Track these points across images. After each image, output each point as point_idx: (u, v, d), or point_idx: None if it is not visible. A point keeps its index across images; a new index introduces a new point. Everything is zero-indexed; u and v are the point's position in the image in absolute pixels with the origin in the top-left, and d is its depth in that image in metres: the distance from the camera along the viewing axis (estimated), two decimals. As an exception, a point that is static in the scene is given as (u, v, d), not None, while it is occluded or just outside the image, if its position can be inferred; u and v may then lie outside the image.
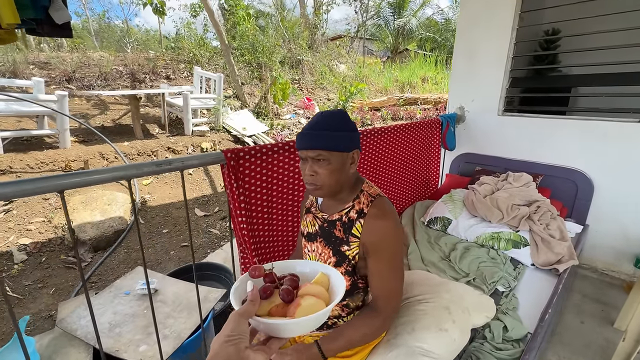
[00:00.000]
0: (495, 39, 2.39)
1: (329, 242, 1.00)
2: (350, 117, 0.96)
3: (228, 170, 1.28)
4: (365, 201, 0.95)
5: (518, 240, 1.78)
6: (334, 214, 0.99)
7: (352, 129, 0.92)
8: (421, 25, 13.96)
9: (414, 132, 2.25)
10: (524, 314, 1.38)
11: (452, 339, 1.00)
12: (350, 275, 0.97)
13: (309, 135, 0.88)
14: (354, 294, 1.00)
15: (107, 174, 1.00)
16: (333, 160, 0.89)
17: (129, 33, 9.75)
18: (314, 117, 0.92)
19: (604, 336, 1.71)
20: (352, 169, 0.94)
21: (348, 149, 0.90)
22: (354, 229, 0.94)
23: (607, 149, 2.08)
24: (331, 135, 0.87)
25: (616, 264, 2.18)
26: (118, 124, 4.39)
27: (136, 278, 1.89)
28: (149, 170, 1.09)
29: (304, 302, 0.49)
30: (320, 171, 0.90)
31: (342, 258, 0.97)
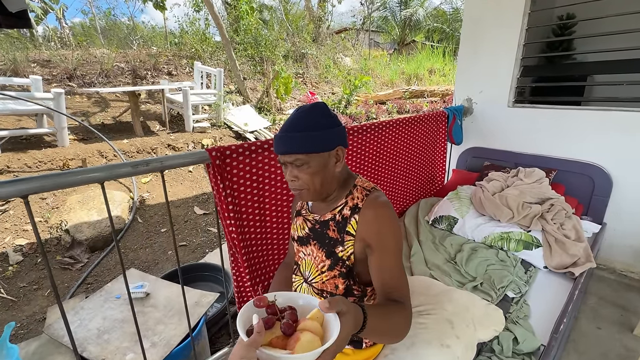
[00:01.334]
0: (505, 25, 2.23)
1: (323, 244, 0.91)
2: (329, 109, 0.86)
3: (213, 170, 1.19)
4: (360, 195, 0.86)
5: (530, 241, 1.66)
6: (326, 214, 0.90)
7: (332, 125, 0.82)
8: (429, 15, 13.62)
9: (418, 126, 2.12)
10: (536, 323, 1.27)
11: (455, 357, 0.90)
12: (345, 277, 0.88)
13: (284, 138, 0.80)
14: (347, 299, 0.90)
15: (79, 176, 0.93)
16: (313, 162, 0.80)
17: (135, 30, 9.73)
18: (290, 116, 0.83)
19: (623, 344, 1.59)
20: (337, 167, 0.85)
21: (329, 147, 0.81)
22: (349, 227, 0.85)
23: (627, 142, 1.93)
24: (308, 136, 0.78)
25: (636, 264, 2.03)
26: (118, 122, 4.35)
27: (129, 281, 1.83)
28: (124, 171, 1.01)
29: (303, 338, 0.53)
30: (301, 175, 0.81)
31: (335, 260, 0.88)
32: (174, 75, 6.06)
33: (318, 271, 0.93)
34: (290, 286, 1.12)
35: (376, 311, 0.68)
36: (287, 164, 0.82)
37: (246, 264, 1.37)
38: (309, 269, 0.97)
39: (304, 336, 0.53)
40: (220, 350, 1.58)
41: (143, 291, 1.71)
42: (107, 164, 3.28)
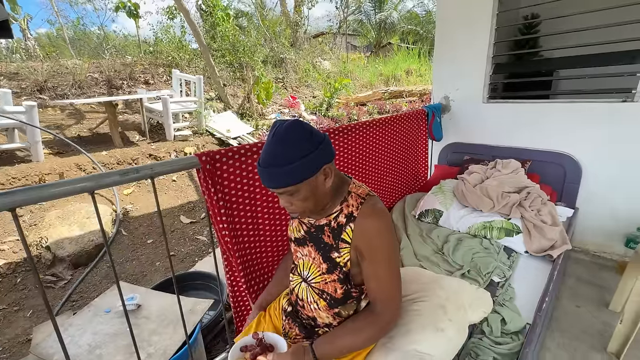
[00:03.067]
0: (476, 25, 2.35)
1: (319, 248, 0.94)
2: (305, 125, 0.82)
3: (204, 174, 1.20)
4: (355, 203, 0.88)
5: (510, 228, 1.75)
6: (321, 219, 0.93)
7: (312, 148, 0.79)
8: (402, 18, 13.97)
9: (399, 125, 2.19)
10: (521, 304, 1.34)
11: (449, 339, 0.95)
12: (343, 283, 0.91)
13: (267, 174, 0.80)
14: (346, 303, 0.94)
15: (65, 187, 0.91)
16: (302, 190, 0.81)
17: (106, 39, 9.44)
18: (267, 146, 0.80)
19: (601, 319, 1.70)
20: (327, 183, 0.85)
21: (314, 171, 0.80)
22: (344, 234, 0.88)
23: (594, 131, 2.07)
24: (288, 170, 0.77)
25: (607, 245, 2.17)
26: (95, 133, 4.23)
27: (117, 294, 1.79)
28: (112, 180, 0.99)
29: None
30: (294, 202, 0.84)
31: (333, 265, 0.91)
32: (151, 84, 5.94)
33: (319, 272, 0.96)
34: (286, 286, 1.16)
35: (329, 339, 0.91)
36: (278, 194, 0.85)
37: (241, 267, 1.38)
38: (308, 269, 0.99)
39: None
40: (217, 357, 1.57)
41: (134, 303, 1.68)
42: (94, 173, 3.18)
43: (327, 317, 0.97)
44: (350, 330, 0.90)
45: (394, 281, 0.89)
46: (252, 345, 0.94)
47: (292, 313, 1.08)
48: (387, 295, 0.89)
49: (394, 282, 0.89)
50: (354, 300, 0.94)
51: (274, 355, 0.89)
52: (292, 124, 0.81)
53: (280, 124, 0.82)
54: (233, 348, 0.94)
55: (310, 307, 1.00)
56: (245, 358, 0.92)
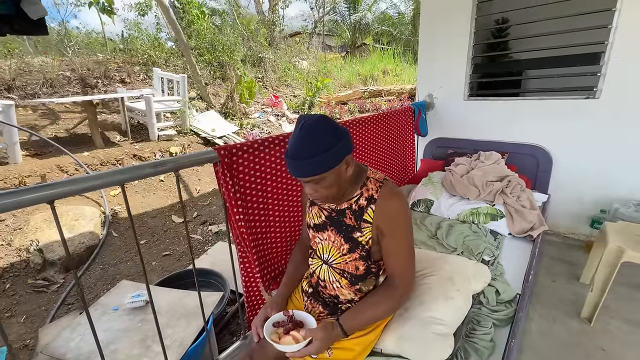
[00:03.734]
0: (457, 28, 2.54)
1: (340, 230, 1.03)
2: (330, 121, 0.90)
3: (222, 167, 1.26)
4: (374, 187, 0.98)
5: (495, 213, 1.93)
6: (343, 204, 1.02)
7: (337, 140, 0.88)
8: (376, 19, 14.31)
9: (388, 121, 2.33)
10: (509, 277, 1.50)
11: (458, 306, 1.08)
12: (365, 260, 1.01)
13: (295, 165, 0.87)
14: (366, 278, 1.04)
15: (102, 180, 0.95)
16: (328, 178, 0.89)
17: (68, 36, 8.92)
18: (296, 140, 0.87)
19: (573, 290, 1.92)
20: (349, 171, 0.94)
21: (338, 161, 0.88)
22: (366, 215, 0.98)
23: (562, 125, 2.31)
24: (319, 160, 0.85)
25: (575, 227, 2.43)
26: (73, 134, 4.06)
27: (123, 292, 1.79)
28: (145, 172, 1.04)
29: (286, 339, 0.95)
30: (319, 189, 0.92)
31: (355, 244, 1.01)
32: (128, 83, 5.75)
33: (339, 253, 1.05)
34: (305, 267, 1.23)
35: (353, 315, 0.99)
36: (305, 182, 0.92)
37: (255, 256, 1.44)
38: (328, 252, 1.08)
39: (287, 338, 0.95)
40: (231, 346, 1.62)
41: (143, 299, 1.69)
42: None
43: (349, 293, 1.07)
44: (371, 304, 1.00)
45: (410, 256, 1.00)
46: (284, 322, 1.02)
47: (313, 294, 1.17)
48: (404, 270, 1.00)
49: (410, 258, 1.00)
50: (373, 275, 1.05)
51: (306, 330, 0.98)
52: (319, 119, 0.89)
53: (307, 119, 0.90)
54: (266, 324, 1.01)
55: (332, 286, 1.09)
56: (278, 333, 0.99)
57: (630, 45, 1.98)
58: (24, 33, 0.95)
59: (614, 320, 1.66)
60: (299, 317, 1.04)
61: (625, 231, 1.74)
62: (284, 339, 0.96)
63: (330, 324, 0.98)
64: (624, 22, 1.97)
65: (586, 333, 1.60)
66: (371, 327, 1.05)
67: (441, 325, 1.02)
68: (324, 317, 1.10)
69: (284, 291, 1.17)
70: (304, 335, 0.95)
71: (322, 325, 0.97)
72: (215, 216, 3.18)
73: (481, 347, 1.10)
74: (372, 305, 1.00)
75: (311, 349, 0.92)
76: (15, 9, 0.85)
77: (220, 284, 2.13)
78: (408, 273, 1.00)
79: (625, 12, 1.95)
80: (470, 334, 1.15)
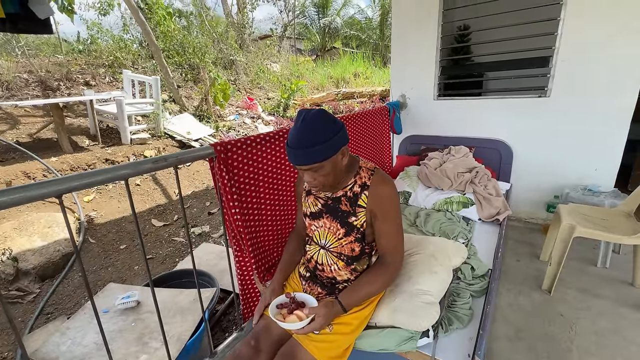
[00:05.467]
0: (426, 33, 2.75)
1: (336, 216, 1.13)
2: (328, 114, 0.98)
3: (218, 163, 1.31)
4: (366, 175, 1.09)
5: (466, 202, 2.12)
6: (338, 192, 1.12)
7: (335, 132, 0.96)
8: (345, 24, 14.66)
9: (366, 120, 2.47)
10: (481, 256, 1.68)
11: (442, 279, 1.22)
12: (360, 241, 1.11)
13: (296, 154, 0.94)
14: (360, 258, 1.15)
15: (106, 175, 0.98)
16: (326, 165, 0.97)
17: (16, 36, 8.28)
18: (297, 131, 0.94)
19: (535, 267, 2.15)
20: (344, 161, 1.04)
21: (336, 151, 0.96)
22: (360, 201, 1.08)
23: (519, 121, 2.58)
24: (318, 150, 0.92)
25: (534, 212, 2.71)
26: (37, 139, 3.83)
27: (111, 295, 1.76)
28: (147, 167, 1.07)
29: (291, 318, 1.04)
30: (317, 177, 1.00)
31: (351, 228, 1.11)
32: (93, 86, 5.50)
33: (335, 238, 1.15)
34: (300, 254, 1.31)
35: (350, 293, 1.08)
36: (304, 170, 1.00)
37: (251, 249, 1.50)
38: (325, 238, 1.18)
39: (291, 317, 1.03)
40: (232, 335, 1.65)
41: (134, 300, 1.69)
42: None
43: (346, 274, 1.17)
44: (367, 282, 1.10)
45: (400, 237, 1.12)
46: (287, 303, 1.10)
47: (311, 277, 1.26)
48: (395, 249, 1.11)
49: (400, 238, 1.12)
50: (366, 256, 1.16)
51: (309, 308, 1.07)
52: (318, 112, 0.98)
53: (306, 112, 0.99)
54: (271, 306, 1.08)
55: (330, 268, 1.18)
56: (282, 314, 1.07)
57: (573, 49, 2.27)
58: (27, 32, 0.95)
59: (570, 290, 1.90)
60: (301, 298, 1.12)
61: (575, 211, 1.99)
62: (289, 318, 1.04)
63: (331, 301, 1.07)
64: (567, 30, 2.26)
65: (547, 302, 1.82)
66: (366, 303, 1.16)
67: (428, 295, 1.15)
68: (323, 297, 1.19)
69: (280, 277, 1.24)
70: (307, 313, 1.04)
71: (324, 302, 1.06)
72: (197, 218, 3.16)
73: (462, 314, 1.24)
74: (367, 282, 1.10)
75: (315, 325, 1.01)
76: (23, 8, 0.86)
77: (209, 283, 2.15)
78: (398, 251, 1.12)
79: (568, 21, 2.24)
80: (451, 305, 1.29)
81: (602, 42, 2.17)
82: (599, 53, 2.19)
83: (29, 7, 0.87)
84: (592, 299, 1.83)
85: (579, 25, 2.21)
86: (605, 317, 1.68)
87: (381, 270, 1.11)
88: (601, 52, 2.18)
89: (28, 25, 0.94)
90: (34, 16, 0.90)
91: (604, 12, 2.12)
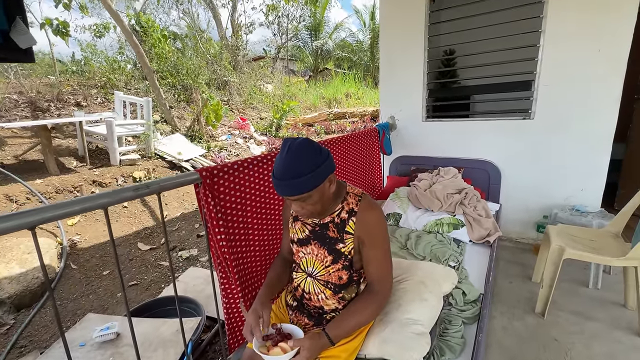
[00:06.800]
0: (413, 57, 2.83)
1: (324, 243, 1.10)
2: (314, 143, 0.96)
3: (204, 189, 1.29)
4: (354, 201, 1.08)
5: (456, 223, 2.11)
6: (326, 218, 1.10)
7: (322, 161, 0.94)
8: (337, 46, 15.12)
9: (356, 142, 2.50)
10: (473, 280, 1.66)
11: (432, 306, 1.19)
12: (347, 269, 1.09)
13: (283, 185, 0.92)
14: (348, 286, 1.11)
15: (85, 204, 0.95)
16: (314, 195, 0.96)
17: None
18: (282, 161, 0.92)
19: (527, 289, 2.13)
20: (332, 188, 1.02)
21: (323, 179, 0.95)
22: (348, 227, 1.06)
23: (506, 142, 2.63)
24: (305, 180, 0.91)
25: (524, 232, 2.72)
26: (22, 160, 3.76)
27: (90, 326, 1.68)
28: (127, 195, 1.05)
29: (274, 350, 0.98)
30: (305, 207, 0.99)
31: (338, 255, 1.08)
32: (84, 106, 5.49)
33: (322, 266, 1.12)
34: (286, 276, 1.25)
35: (338, 324, 1.03)
36: (291, 200, 0.98)
37: (237, 276, 1.46)
38: (312, 265, 1.15)
39: (275, 349, 0.98)
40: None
41: (113, 332, 1.61)
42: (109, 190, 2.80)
43: (333, 303, 1.13)
44: (355, 311, 1.07)
45: (388, 263, 1.10)
46: (272, 334, 1.05)
47: (298, 307, 1.22)
48: (383, 276, 1.09)
49: (388, 264, 1.10)
50: (354, 283, 1.13)
51: (294, 340, 1.02)
52: (303, 142, 0.97)
53: (292, 141, 0.98)
54: (254, 338, 1.03)
55: (317, 297, 1.15)
56: (267, 345, 1.02)
57: (553, 74, 2.36)
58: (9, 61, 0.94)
59: (563, 313, 1.88)
60: (287, 330, 1.07)
61: (564, 232, 1.99)
62: (273, 351, 0.99)
63: (317, 333, 1.02)
64: (546, 56, 2.35)
65: (541, 326, 1.79)
66: (355, 334, 1.11)
67: (418, 325, 1.12)
68: (310, 328, 1.15)
69: (267, 291, 1.14)
70: (292, 345, 0.99)
71: (309, 334, 1.02)
72: (185, 241, 3.09)
73: (454, 344, 1.20)
74: (355, 312, 1.06)
75: (299, 359, 0.96)
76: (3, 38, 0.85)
77: (195, 310, 2.07)
78: (387, 278, 1.09)
79: (547, 48, 2.33)
80: (443, 333, 1.26)
81: (579, 67, 2.26)
82: (576, 77, 2.28)
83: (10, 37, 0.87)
84: (586, 322, 1.80)
85: (557, 51, 2.31)
86: (599, 341, 1.65)
87: (370, 299, 1.07)
88: (579, 76, 2.27)
89: (9, 54, 0.93)
90: (15, 45, 0.89)
91: (579, 39, 2.22)
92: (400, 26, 2.83)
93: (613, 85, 2.18)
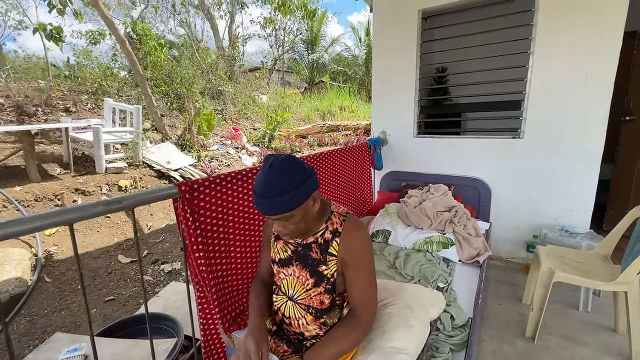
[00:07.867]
0: (405, 74, 2.84)
1: (306, 265, 1.05)
2: (297, 160, 0.92)
3: (183, 204, 1.23)
4: (338, 221, 1.03)
5: (446, 242, 2.07)
6: (309, 238, 1.05)
7: (305, 178, 0.90)
8: (333, 60, 15.34)
9: (347, 156, 2.46)
10: (462, 302, 1.60)
11: (418, 333, 1.13)
12: (330, 293, 1.03)
13: (264, 204, 0.88)
14: (331, 311, 1.05)
15: (45, 221, 0.88)
16: (296, 214, 0.91)
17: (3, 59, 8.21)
18: (264, 178, 0.88)
19: (517, 311, 2.08)
20: (315, 207, 0.97)
21: (306, 198, 0.90)
22: (331, 248, 1.01)
23: (496, 160, 2.63)
24: (287, 198, 0.87)
25: (514, 251, 2.69)
26: (3, 166, 3.63)
27: (56, 347, 1.57)
28: (97, 210, 0.99)
29: None
30: (288, 226, 0.94)
31: (321, 278, 1.03)
32: (73, 112, 5.39)
33: (304, 289, 1.06)
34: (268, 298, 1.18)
35: (317, 351, 0.97)
36: (273, 220, 0.93)
37: (215, 296, 1.38)
38: (293, 288, 1.09)
39: None
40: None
41: (80, 354, 1.51)
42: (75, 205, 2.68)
43: (314, 328, 1.07)
44: (334, 338, 1.00)
45: (372, 286, 1.05)
46: None
47: (277, 332, 1.15)
48: (367, 299, 1.03)
49: (372, 287, 1.05)
50: (337, 307, 1.07)
51: None
52: (286, 158, 0.92)
53: (274, 158, 0.93)
54: None
55: (297, 322, 1.08)
56: None
57: (541, 94, 2.38)
58: None
59: (553, 337, 1.83)
60: None
61: (554, 253, 1.97)
62: None
63: None
64: (535, 77, 2.38)
65: (531, 350, 1.73)
66: (337, 361, 1.05)
67: (403, 354, 1.05)
68: (289, 356, 1.08)
69: (259, 321, 1.06)
70: None
71: None
72: (169, 254, 2.98)
73: (441, 373, 1.14)
74: (336, 338, 1.00)
75: None
76: None
77: (172, 329, 1.96)
78: (371, 302, 1.04)
79: (536, 69, 2.36)
80: (430, 362, 1.19)
81: (568, 89, 2.28)
82: (565, 98, 2.30)
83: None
84: (576, 347, 1.75)
85: (546, 73, 2.33)
86: (590, 369, 1.60)
87: (352, 324, 1.01)
88: (567, 97, 2.29)
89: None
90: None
91: (567, 61, 2.25)
92: (393, 43, 2.85)
93: (600, 107, 2.20)
